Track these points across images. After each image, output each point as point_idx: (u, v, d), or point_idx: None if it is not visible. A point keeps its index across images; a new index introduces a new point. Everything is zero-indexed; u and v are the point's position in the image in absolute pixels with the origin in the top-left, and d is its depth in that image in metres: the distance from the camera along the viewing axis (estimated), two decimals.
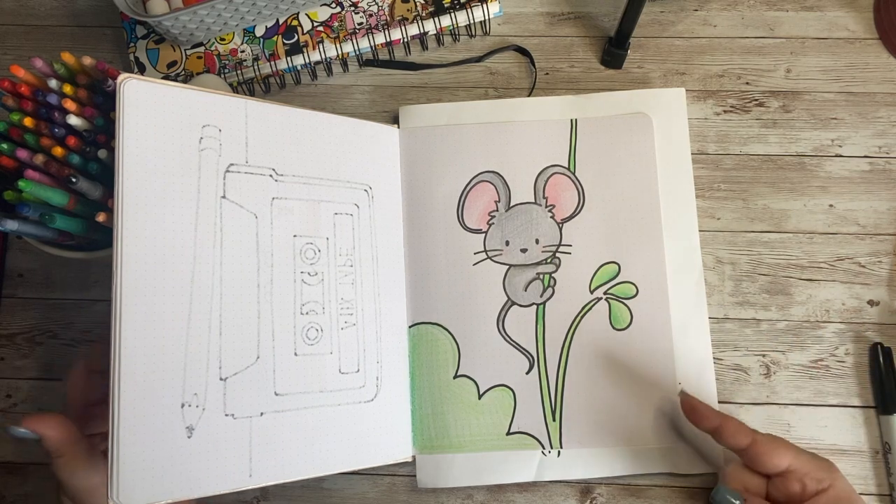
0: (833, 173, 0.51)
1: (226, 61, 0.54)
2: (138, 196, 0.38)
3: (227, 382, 0.40)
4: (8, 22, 0.58)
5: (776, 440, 0.40)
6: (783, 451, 0.39)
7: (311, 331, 0.44)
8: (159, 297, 0.38)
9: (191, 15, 0.50)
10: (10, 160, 0.41)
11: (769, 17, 0.55)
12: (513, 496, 0.48)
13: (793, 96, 0.53)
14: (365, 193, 0.48)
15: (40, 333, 0.51)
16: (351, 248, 0.47)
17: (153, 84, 0.40)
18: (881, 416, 0.47)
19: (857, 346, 0.49)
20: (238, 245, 0.42)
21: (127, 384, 0.36)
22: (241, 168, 0.43)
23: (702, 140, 0.52)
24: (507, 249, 0.50)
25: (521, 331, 0.48)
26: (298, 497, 0.48)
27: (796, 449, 0.40)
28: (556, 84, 0.54)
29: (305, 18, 0.55)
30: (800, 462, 0.39)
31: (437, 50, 0.56)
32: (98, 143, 0.41)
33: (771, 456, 0.39)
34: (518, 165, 0.51)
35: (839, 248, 0.50)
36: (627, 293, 0.48)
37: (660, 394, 0.47)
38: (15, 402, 0.50)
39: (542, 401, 0.47)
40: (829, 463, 0.40)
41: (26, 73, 0.41)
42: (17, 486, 0.49)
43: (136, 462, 0.36)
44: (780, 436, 0.42)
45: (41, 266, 0.52)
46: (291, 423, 0.42)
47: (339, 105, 0.55)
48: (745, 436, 0.40)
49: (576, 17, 0.56)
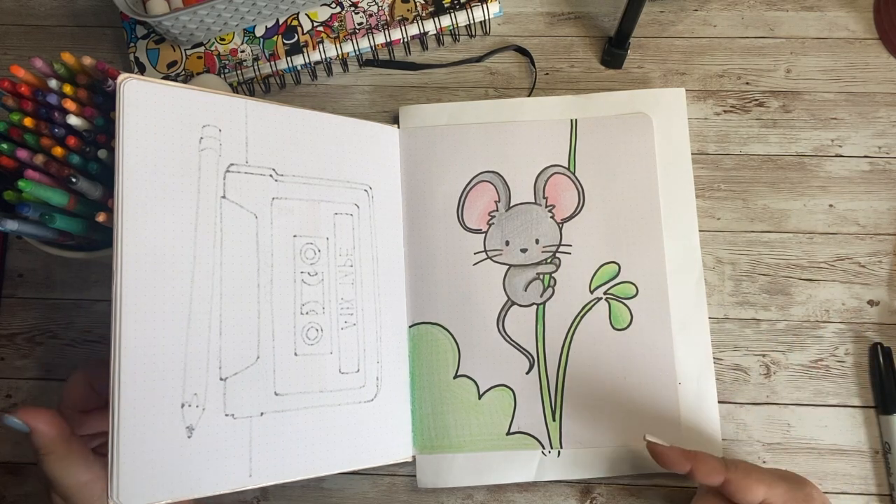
0: (833, 173, 0.51)
1: (226, 61, 0.54)
2: (138, 196, 0.38)
3: (227, 382, 0.40)
4: (8, 22, 0.58)
5: (749, 474, 0.40)
6: (755, 486, 0.39)
7: (311, 331, 0.44)
8: (159, 297, 0.38)
9: (191, 15, 0.50)
10: (10, 160, 0.41)
11: (769, 17, 0.55)
12: (513, 496, 0.48)
13: (793, 96, 0.53)
14: (365, 193, 0.48)
15: (40, 333, 0.51)
16: (351, 248, 0.47)
17: (153, 84, 0.40)
18: (881, 416, 0.47)
19: (857, 346, 0.49)
20: (238, 245, 0.42)
21: (127, 384, 0.36)
22: (241, 168, 0.43)
23: (702, 140, 0.52)
24: (507, 249, 0.50)
25: (521, 331, 0.48)
26: (298, 497, 0.48)
27: (769, 479, 0.39)
28: (556, 84, 0.54)
29: (305, 18, 0.55)
30: (774, 493, 0.39)
31: (437, 50, 0.56)
32: (98, 143, 0.41)
33: (745, 493, 0.39)
34: (518, 165, 0.51)
35: (839, 248, 0.50)
36: (627, 293, 0.48)
37: (660, 394, 0.47)
38: (15, 402, 0.50)
39: (542, 401, 0.47)
40: (802, 482, 0.40)
41: (26, 73, 0.41)
42: (17, 486, 0.49)
43: (136, 462, 0.36)
44: (751, 462, 0.41)
45: (41, 266, 0.52)
46: (291, 423, 0.42)
47: (339, 105, 0.55)
48: (718, 474, 0.40)
49: (576, 17, 0.56)
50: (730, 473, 0.39)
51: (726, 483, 0.39)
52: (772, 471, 0.40)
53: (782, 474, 0.40)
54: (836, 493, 0.47)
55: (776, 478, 0.40)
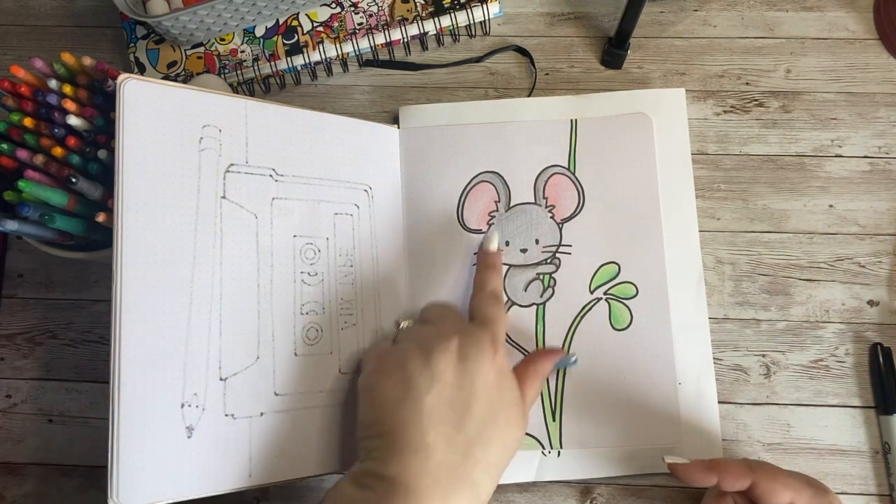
0: (833, 173, 0.51)
1: (226, 61, 0.54)
2: (138, 196, 0.38)
3: (227, 382, 0.40)
4: (8, 22, 0.58)
5: (775, 477, 0.39)
6: (782, 490, 0.39)
7: (311, 331, 0.44)
8: (159, 297, 0.38)
9: (191, 15, 0.50)
10: (10, 160, 0.41)
11: (769, 17, 0.55)
12: (513, 496, 0.48)
13: (793, 96, 0.53)
14: (365, 193, 0.48)
15: (40, 333, 0.51)
16: (351, 248, 0.47)
17: (153, 84, 0.40)
18: (881, 416, 0.47)
19: (857, 346, 0.49)
20: (238, 245, 0.42)
21: (127, 384, 0.36)
22: (241, 168, 0.43)
23: (702, 140, 0.52)
24: (506, 250, 0.50)
25: (521, 331, 0.48)
26: (298, 497, 0.48)
27: (795, 483, 0.39)
28: (556, 84, 0.54)
29: (305, 19, 0.55)
30: (801, 498, 0.39)
31: (437, 50, 0.56)
32: (98, 143, 0.42)
33: (771, 497, 0.39)
34: (518, 165, 0.51)
35: (839, 248, 0.50)
36: (627, 293, 0.48)
37: (660, 394, 0.47)
38: (15, 402, 0.50)
39: (541, 401, 0.47)
40: (825, 490, 0.40)
41: (26, 73, 0.41)
42: (17, 486, 0.49)
43: (136, 462, 0.36)
44: (775, 463, 0.41)
45: (41, 266, 0.52)
46: (291, 423, 0.42)
47: (339, 105, 0.55)
48: (745, 479, 0.39)
49: (576, 17, 0.56)
50: (756, 476, 0.39)
51: (753, 486, 0.39)
52: (796, 474, 0.40)
53: (807, 479, 0.40)
54: (835, 493, 0.46)
55: (802, 482, 0.39)
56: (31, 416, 0.50)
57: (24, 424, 0.50)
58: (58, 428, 0.50)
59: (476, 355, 0.38)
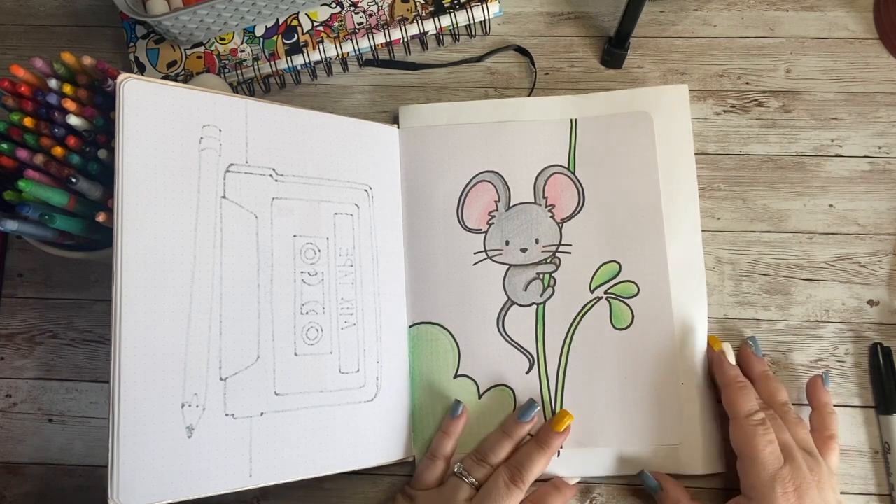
0: (833, 173, 0.51)
1: (226, 61, 0.54)
2: (138, 196, 0.38)
3: (227, 382, 0.40)
4: (8, 22, 0.58)
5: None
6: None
7: (311, 331, 0.44)
8: (159, 297, 0.38)
9: (191, 15, 0.50)
10: (10, 160, 0.41)
11: (769, 17, 0.55)
12: None
13: (793, 96, 0.53)
14: (365, 193, 0.48)
15: (40, 333, 0.51)
16: (351, 248, 0.47)
17: (153, 84, 0.40)
18: (881, 416, 0.47)
19: (857, 346, 0.49)
20: (238, 245, 0.42)
21: (127, 384, 0.36)
22: (242, 168, 0.43)
23: (702, 140, 0.52)
24: (506, 249, 0.50)
25: (521, 331, 0.48)
26: (298, 497, 0.48)
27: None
28: (556, 84, 0.54)
29: (305, 18, 0.55)
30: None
31: (437, 50, 0.56)
32: (98, 143, 0.42)
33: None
34: (518, 165, 0.51)
35: (839, 248, 0.50)
36: (628, 292, 0.48)
37: (661, 393, 0.47)
38: (15, 402, 0.50)
39: (542, 401, 0.47)
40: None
41: (26, 73, 0.41)
42: (17, 485, 0.49)
43: (136, 462, 0.36)
44: None
45: (41, 266, 0.52)
46: (291, 423, 0.42)
47: (339, 105, 0.55)
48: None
49: (576, 17, 0.56)
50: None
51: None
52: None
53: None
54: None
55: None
56: (31, 416, 0.50)
57: (24, 424, 0.50)
58: (58, 428, 0.50)
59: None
